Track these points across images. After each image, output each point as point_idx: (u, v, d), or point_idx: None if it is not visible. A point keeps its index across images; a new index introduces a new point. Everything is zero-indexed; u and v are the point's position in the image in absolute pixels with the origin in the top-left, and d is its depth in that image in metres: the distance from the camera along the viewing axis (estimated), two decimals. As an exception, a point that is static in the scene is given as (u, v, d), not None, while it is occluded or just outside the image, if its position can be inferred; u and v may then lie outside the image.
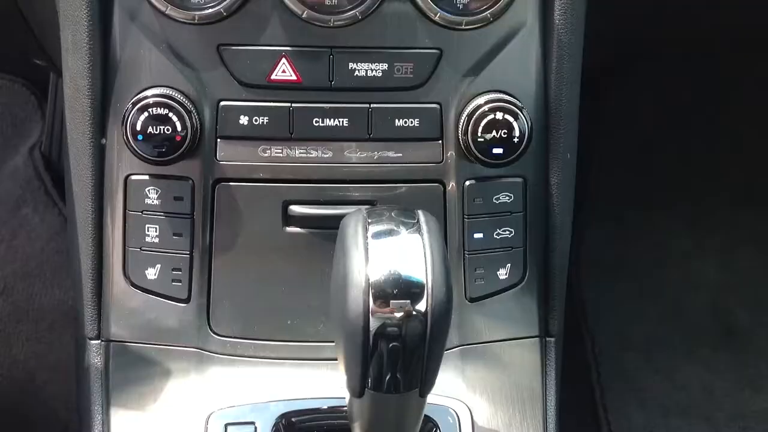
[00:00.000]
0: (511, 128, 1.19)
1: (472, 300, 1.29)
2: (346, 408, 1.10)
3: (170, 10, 1.16)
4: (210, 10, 1.16)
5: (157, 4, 1.16)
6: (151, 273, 1.25)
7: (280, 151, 1.22)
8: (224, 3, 1.16)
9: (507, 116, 1.19)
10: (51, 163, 2.38)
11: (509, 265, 1.29)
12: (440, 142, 1.24)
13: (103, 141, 1.21)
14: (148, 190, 1.22)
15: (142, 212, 1.23)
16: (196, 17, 1.16)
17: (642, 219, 2.47)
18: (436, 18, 1.18)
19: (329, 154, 1.23)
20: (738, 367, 2.30)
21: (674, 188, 2.49)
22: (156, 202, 1.22)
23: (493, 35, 1.21)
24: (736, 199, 2.48)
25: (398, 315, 0.94)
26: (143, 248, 1.24)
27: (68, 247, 1.37)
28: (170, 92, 1.18)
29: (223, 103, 1.20)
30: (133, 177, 1.22)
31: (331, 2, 1.17)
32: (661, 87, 2.49)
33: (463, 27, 1.19)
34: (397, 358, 0.96)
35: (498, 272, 1.28)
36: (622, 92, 2.51)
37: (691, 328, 2.35)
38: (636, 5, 1.62)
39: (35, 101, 2.47)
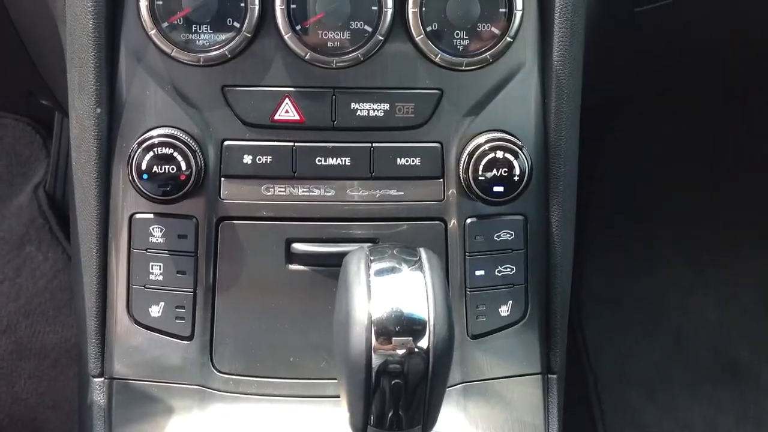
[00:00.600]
0: (511, 167, 1.21)
1: (474, 337, 1.29)
2: (348, 445, 1.10)
3: (176, 53, 1.18)
4: (215, 52, 1.18)
5: (162, 46, 1.18)
6: (155, 310, 1.25)
7: (283, 189, 1.24)
8: (229, 45, 1.18)
9: (507, 155, 1.20)
10: (55, 202, 2.40)
11: (511, 302, 1.29)
12: (441, 180, 1.25)
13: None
14: (153, 229, 1.23)
15: (146, 250, 1.24)
16: (201, 59, 1.19)
17: (642, 254, 2.48)
18: (437, 59, 1.21)
19: (332, 193, 1.24)
20: (741, 404, 2.29)
21: (675, 223, 2.49)
22: (160, 240, 1.23)
23: (492, 76, 1.23)
24: (737, 235, 2.48)
25: (400, 352, 0.95)
26: (147, 286, 1.25)
27: (72, 285, 1.38)
28: (175, 132, 1.20)
29: (227, 142, 1.22)
30: (138, 215, 1.24)
31: (334, 44, 1.19)
32: (661, 121, 2.51)
33: (463, 68, 1.21)
34: (399, 396, 0.96)
35: (500, 309, 1.29)
36: (622, 127, 2.53)
37: (693, 365, 2.35)
38: (632, 51, 1.65)
39: (40, 140, 2.49)
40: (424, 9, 1.19)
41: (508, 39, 1.21)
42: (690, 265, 2.46)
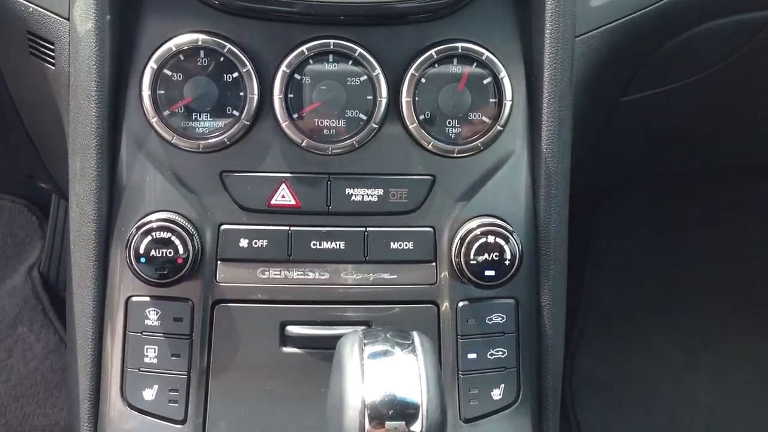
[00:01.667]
0: (502, 251, 1.23)
1: (467, 421, 1.29)
2: None
3: (176, 140, 1.21)
4: (214, 140, 1.22)
5: (163, 133, 1.21)
6: (149, 394, 1.25)
7: (278, 272, 1.26)
8: (228, 133, 1.21)
9: (498, 239, 1.23)
10: (49, 283, 2.40)
11: (503, 385, 1.30)
12: (434, 264, 1.27)
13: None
14: (149, 311, 1.24)
15: (141, 333, 1.25)
16: (201, 146, 1.22)
17: (635, 335, 2.48)
18: (429, 146, 1.24)
19: (326, 276, 1.26)
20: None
21: (666, 305, 2.51)
22: (156, 323, 1.24)
23: (483, 163, 1.27)
24: (728, 317, 2.49)
25: (394, 436, 0.95)
26: (141, 369, 1.25)
27: (66, 368, 1.38)
28: (173, 216, 1.22)
29: (224, 226, 1.25)
30: (134, 298, 1.25)
31: (330, 131, 1.23)
32: (655, 202, 2.55)
33: (455, 155, 1.25)
34: (392, 480, 0.96)
35: (492, 393, 1.29)
36: (615, 208, 2.56)
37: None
38: (618, 138, 1.69)
39: (36, 221, 2.51)
40: (417, 98, 1.23)
41: (499, 128, 1.25)
42: (682, 348, 2.47)
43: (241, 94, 1.21)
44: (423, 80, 1.23)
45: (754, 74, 1.59)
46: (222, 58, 1.21)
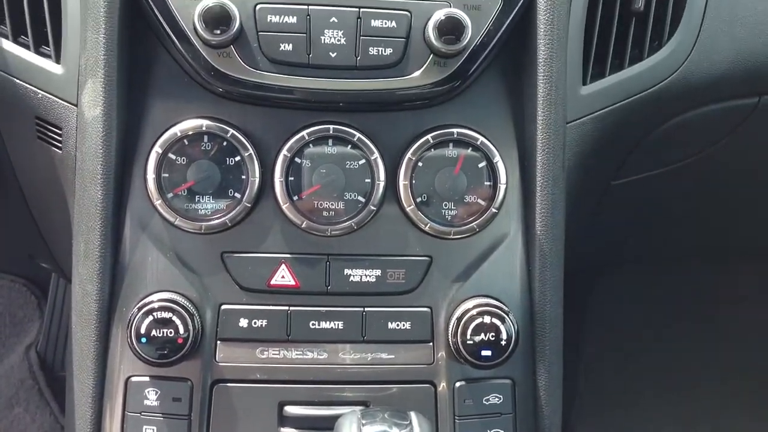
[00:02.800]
0: (498, 331, 1.24)
1: (465, 503, 1.28)
2: None
3: (179, 221, 1.24)
4: (216, 221, 1.24)
5: (166, 215, 1.24)
6: None
7: (277, 352, 1.27)
8: (230, 214, 1.24)
9: (494, 320, 1.24)
10: (46, 363, 2.40)
11: (500, 466, 1.30)
12: (431, 344, 1.28)
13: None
14: (148, 392, 1.25)
15: (140, 413, 1.24)
16: (203, 227, 1.24)
17: (633, 411, 2.47)
18: (426, 228, 1.27)
19: (324, 356, 1.27)
20: None
21: (662, 381, 2.50)
22: (155, 403, 1.24)
23: (479, 244, 1.29)
24: (723, 392, 2.49)
25: None
26: None
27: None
28: (174, 296, 1.23)
29: (224, 306, 1.26)
30: (134, 378, 1.25)
31: (329, 213, 1.25)
32: (650, 279, 2.56)
33: (451, 236, 1.28)
34: None
35: (490, 474, 1.29)
36: (611, 285, 2.57)
37: None
38: (610, 219, 1.72)
39: (35, 301, 2.52)
40: (414, 181, 1.27)
41: (494, 210, 1.28)
42: (681, 423, 2.45)
43: (243, 177, 1.24)
44: (420, 164, 1.27)
45: (742, 158, 1.63)
46: (225, 143, 1.24)
